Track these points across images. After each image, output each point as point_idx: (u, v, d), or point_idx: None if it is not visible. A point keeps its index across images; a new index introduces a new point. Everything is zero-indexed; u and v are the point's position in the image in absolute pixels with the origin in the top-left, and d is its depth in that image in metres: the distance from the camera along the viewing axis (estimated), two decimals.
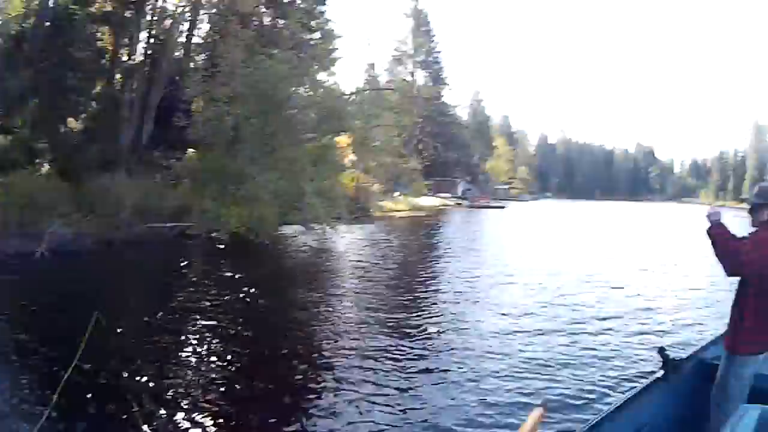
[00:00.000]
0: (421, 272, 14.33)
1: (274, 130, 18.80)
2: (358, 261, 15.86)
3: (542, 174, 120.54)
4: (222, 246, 15.87)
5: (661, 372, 3.51)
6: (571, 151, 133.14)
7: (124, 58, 21.77)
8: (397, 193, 27.23)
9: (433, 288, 11.96)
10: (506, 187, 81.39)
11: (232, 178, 17.49)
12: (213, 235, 16.25)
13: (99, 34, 22.28)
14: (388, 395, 5.55)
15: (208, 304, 9.60)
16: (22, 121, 21.71)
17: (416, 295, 11.12)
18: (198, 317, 8.67)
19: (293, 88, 19.81)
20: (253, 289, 10.70)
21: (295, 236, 19.14)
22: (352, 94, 22.60)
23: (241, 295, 10.22)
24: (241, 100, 19.11)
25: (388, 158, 21.80)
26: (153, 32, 22.23)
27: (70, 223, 16.52)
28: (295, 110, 19.44)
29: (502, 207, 53.08)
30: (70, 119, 20.14)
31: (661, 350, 3.59)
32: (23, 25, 21.48)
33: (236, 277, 12.40)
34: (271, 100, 18.84)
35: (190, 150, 20.19)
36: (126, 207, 17.38)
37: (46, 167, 20.12)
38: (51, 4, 21.19)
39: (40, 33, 20.14)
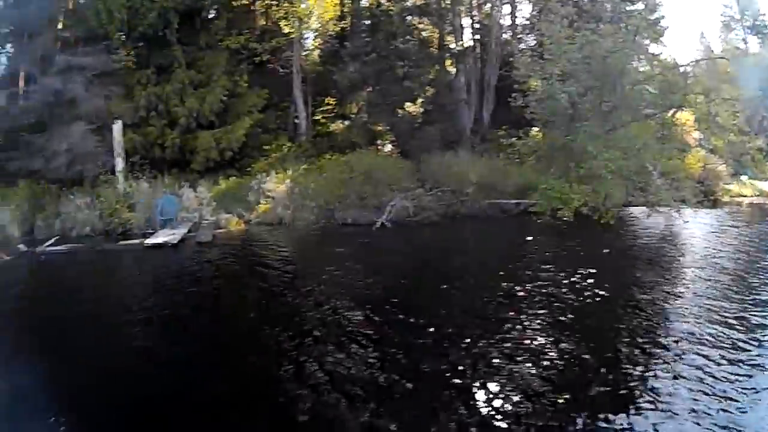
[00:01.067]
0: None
1: (611, 107, 17.96)
2: (704, 248, 14.08)
3: None
4: (565, 225, 15.50)
5: None
6: None
7: (452, 45, 23.06)
8: (744, 177, 23.85)
9: None
10: None
11: (575, 157, 17.05)
12: (558, 214, 15.95)
13: (421, 26, 24.07)
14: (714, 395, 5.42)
15: (543, 281, 9.78)
16: (357, 108, 24.58)
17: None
18: (531, 293, 9.06)
19: (625, 62, 18.65)
20: (592, 269, 10.50)
21: (639, 218, 17.95)
22: (687, 64, 20.46)
23: (582, 274, 10.14)
24: (572, 77, 18.59)
25: (732, 136, 19.15)
26: (475, 18, 23.27)
27: (411, 197, 17.85)
28: (630, 85, 18.29)
29: None
30: (408, 104, 22.07)
31: None
32: (341, 25, 24.32)
33: (578, 255, 12.53)
34: (603, 75, 18.01)
35: (534, 129, 20.48)
36: (469, 183, 18.13)
37: (387, 147, 22.49)
38: (364, 3, 23.49)
39: (359, 30, 22.56)
